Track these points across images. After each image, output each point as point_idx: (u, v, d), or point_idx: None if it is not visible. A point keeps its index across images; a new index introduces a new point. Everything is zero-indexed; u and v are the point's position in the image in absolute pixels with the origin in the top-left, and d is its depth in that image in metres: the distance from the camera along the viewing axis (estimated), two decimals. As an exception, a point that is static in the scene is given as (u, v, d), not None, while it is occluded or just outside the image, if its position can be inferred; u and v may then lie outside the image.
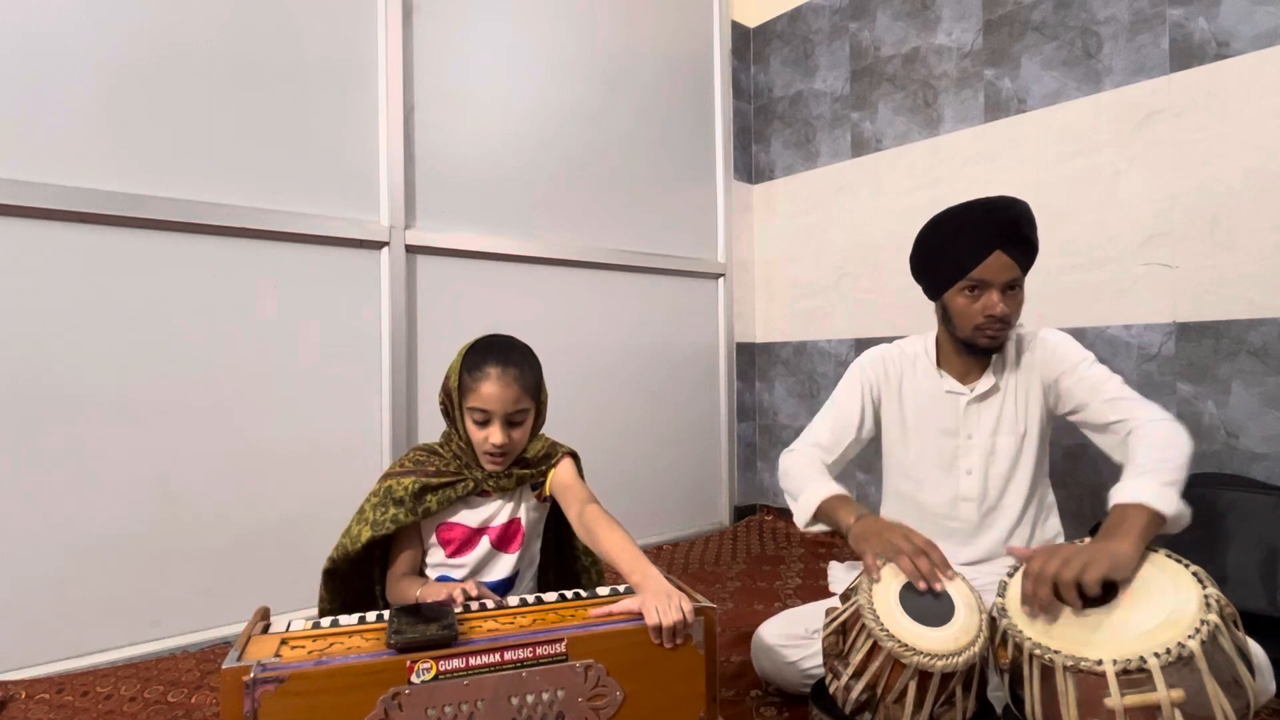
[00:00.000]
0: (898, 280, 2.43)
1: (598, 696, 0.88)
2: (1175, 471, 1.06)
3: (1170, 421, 1.16)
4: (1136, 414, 1.19)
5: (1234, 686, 0.84)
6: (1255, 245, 1.74)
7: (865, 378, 1.46)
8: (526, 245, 2.23)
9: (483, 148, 2.17)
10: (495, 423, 1.11)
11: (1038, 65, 2.12)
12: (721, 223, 2.82)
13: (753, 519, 2.84)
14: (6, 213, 1.47)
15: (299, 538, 1.80)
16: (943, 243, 1.33)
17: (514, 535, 1.19)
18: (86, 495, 1.55)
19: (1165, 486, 1.03)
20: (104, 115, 1.57)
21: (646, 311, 2.58)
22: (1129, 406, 1.21)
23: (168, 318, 1.65)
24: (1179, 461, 1.07)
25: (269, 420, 1.78)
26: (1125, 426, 1.19)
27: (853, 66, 2.63)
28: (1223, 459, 1.77)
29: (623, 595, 1.01)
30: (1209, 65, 1.80)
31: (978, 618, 1.02)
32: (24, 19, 1.48)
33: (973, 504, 1.36)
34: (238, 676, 0.77)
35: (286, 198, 1.80)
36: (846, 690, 1.03)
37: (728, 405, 2.82)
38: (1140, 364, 1.91)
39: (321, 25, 1.86)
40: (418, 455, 1.20)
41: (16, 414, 1.48)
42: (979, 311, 1.28)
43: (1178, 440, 1.11)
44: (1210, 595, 0.88)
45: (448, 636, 0.84)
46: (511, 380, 1.11)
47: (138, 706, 1.36)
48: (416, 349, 2.02)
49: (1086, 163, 2.01)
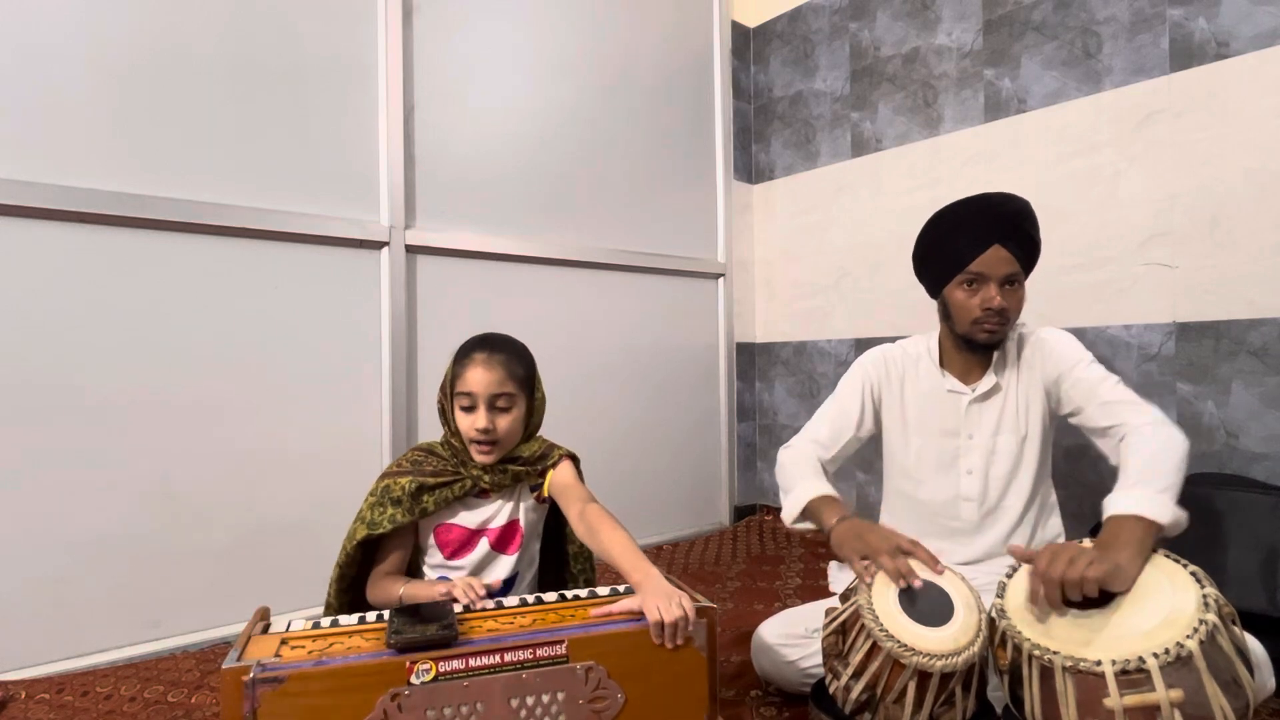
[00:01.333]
0: (898, 280, 2.43)
1: (598, 699, 0.88)
2: (1169, 477, 1.05)
3: (1164, 424, 1.15)
4: (1130, 418, 1.19)
5: (1233, 686, 0.84)
6: (1255, 245, 1.74)
7: (867, 376, 1.46)
8: (526, 245, 2.23)
9: (483, 148, 2.17)
10: (480, 407, 1.13)
11: (1038, 65, 2.12)
12: (721, 223, 2.82)
13: (753, 519, 2.84)
14: (7, 213, 1.47)
15: (299, 538, 1.80)
16: (943, 236, 1.34)
17: (513, 536, 1.19)
18: (86, 495, 1.55)
19: (1159, 494, 1.02)
20: (104, 115, 1.57)
21: (646, 311, 2.58)
22: (1123, 410, 1.21)
23: (168, 318, 1.65)
24: (1172, 466, 1.07)
25: (269, 420, 1.78)
26: (1119, 431, 1.19)
27: (853, 66, 2.63)
28: (1223, 459, 1.77)
29: (623, 595, 1.01)
30: (1209, 65, 1.80)
31: (977, 618, 1.02)
32: (24, 19, 1.48)
33: (973, 504, 1.36)
34: (238, 676, 0.77)
35: (287, 198, 1.80)
36: (846, 690, 1.03)
37: (728, 405, 2.82)
38: (1140, 364, 1.91)
39: (321, 25, 1.86)
40: (415, 455, 1.20)
41: (17, 414, 1.48)
42: (977, 305, 1.28)
43: (1171, 444, 1.11)
44: (1209, 595, 0.88)
45: (448, 636, 0.84)
46: (496, 364, 1.14)
47: (138, 706, 1.37)
48: (416, 349, 2.02)
49: (1086, 163, 2.01)
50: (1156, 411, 1.19)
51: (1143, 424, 1.16)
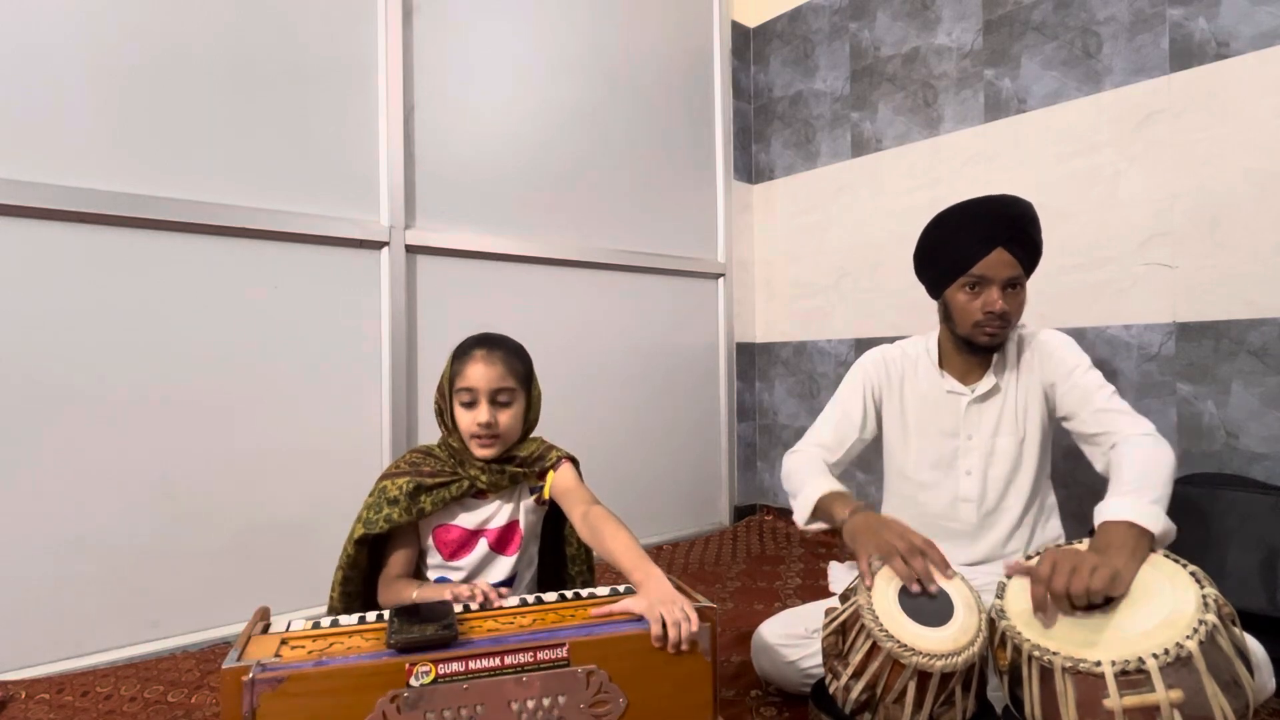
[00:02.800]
0: (898, 280, 2.43)
1: (600, 703, 0.87)
2: (1161, 489, 1.06)
3: (1155, 437, 1.16)
4: (1122, 428, 1.19)
5: (1233, 686, 0.84)
6: (1255, 245, 1.74)
7: (867, 377, 1.46)
8: (526, 245, 2.23)
9: (483, 148, 2.17)
10: (481, 401, 1.14)
11: (1038, 65, 2.12)
12: (721, 223, 2.82)
13: (753, 519, 2.84)
14: (7, 213, 1.47)
15: (299, 538, 1.80)
16: (945, 239, 1.34)
17: (512, 537, 1.19)
18: (86, 495, 1.55)
19: (1152, 504, 1.03)
20: (104, 116, 1.57)
21: (646, 311, 2.58)
22: (1115, 419, 1.21)
23: (168, 318, 1.65)
24: (1163, 479, 1.08)
25: (269, 420, 1.78)
26: (1110, 439, 1.20)
27: (853, 66, 2.63)
28: (1223, 459, 1.77)
29: (623, 595, 1.00)
30: (1209, 65, 1.80)
31: (977, 618, 1.02)
32: (24, 19, 1.48)
33: (972, 505, 1.36)
34: (237, 676, 0.77)
35: (287, 198, 1.80)
36: (846, 690, 1.03)
37: (728, 405, 2.82)
38: (1140, 364, 1.91)
39: (321, 25, 1.86)
40: (413, 457, 1.20)
41: (17, 414, 1.48)
42: (979, 308, 1.28)
43: (1161, 458, 1.11)
44: (1208, 595, 0.88)
45: (447, 636, 0.84)
46: (497, 360, 1.15)
47: (138, 706, 1.37)
48: (416, 349, 2.02)
49: (1086, 163, 2.01)
50: (1149, 424, 1.20)
51: (1135, 434, 1.17)
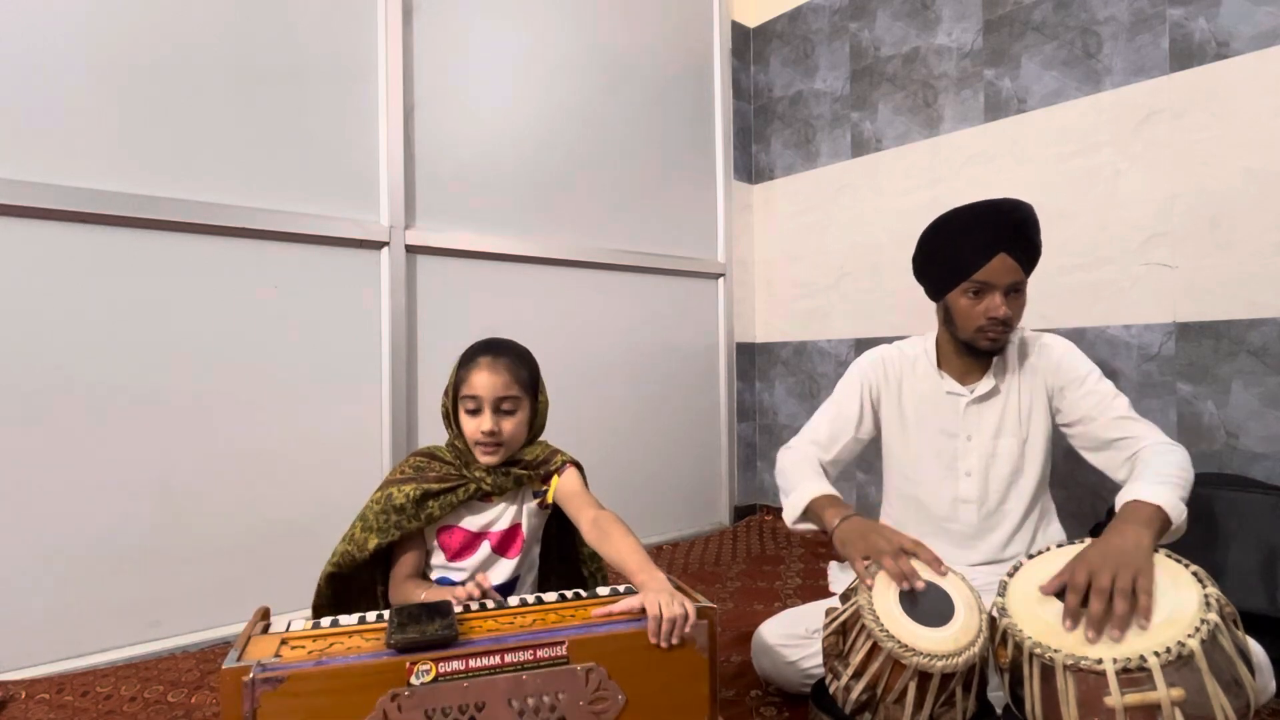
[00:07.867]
0: (898, 280, 2.43)
1: (599, 700, 0.87)
2: (1185, 488, 1.09)
3: (1178, 446, 1.19)
4: (1145, 435, 1.22)
5: (1234, 686, 0.84)
6: (1255, 245, 1.74)
7: (865, 378, 1.46)
8: (526, 245, 2.23)
9: (483, 148, 2.17)
10: (485, 409, 1.14)
11: (1038, 65, 2.12)
12: (721, 223, 2.82)
13: (753, 519, 2.84)
14: (8, 213, 1.47)
15: (299, 538, 1.80)
16: (947, 244, 1.33)
17: (514, 540, 1.20)
18: (86, 495, 1.55)
19: (1177, 498, 1.05)
20: (105, 116, 1.57)
21: (646, 311, 2.58)
22: (1135, 427, 1.24)
23: (168, 318, 1.65)
24: (1187, 480, 1.10)
25: (269, 420, 1.77)
26: (1132, 445, 1.22)
27: (853, 66, 2.63)
28: (1223, 459, 1.77)
29: (623, 595, 1.00)
30: (1209, 65, 1.80)
31: (977, 617, 1.02)
32: (26, 20, 1.48)
33: (972, 506, 1.36)
34: (237, 677, 0.77)
35: (287, 198, 1.80)
36: (846, 690, 1.03)
37: (728, 405, 2.82)
38: (1140, 364, 1.91)
39: (321, 25, 1.86)
40: (417, 461, 1.20)
41: (17, 414, 1.48)
42: (981, 313, 1.28)
43: (1184, 463, 1.14)
44: (1210, 594, 0.89)
45: (448, 636, 0.84)
46: (501, 368, 1.15)
47: (138, 706, 1.36)
48: (416, 349, 2.02)
49: (1086, 163, 2.01)
50: (1164, 434, 1.23)
51: (1158, 442, 1.20)
